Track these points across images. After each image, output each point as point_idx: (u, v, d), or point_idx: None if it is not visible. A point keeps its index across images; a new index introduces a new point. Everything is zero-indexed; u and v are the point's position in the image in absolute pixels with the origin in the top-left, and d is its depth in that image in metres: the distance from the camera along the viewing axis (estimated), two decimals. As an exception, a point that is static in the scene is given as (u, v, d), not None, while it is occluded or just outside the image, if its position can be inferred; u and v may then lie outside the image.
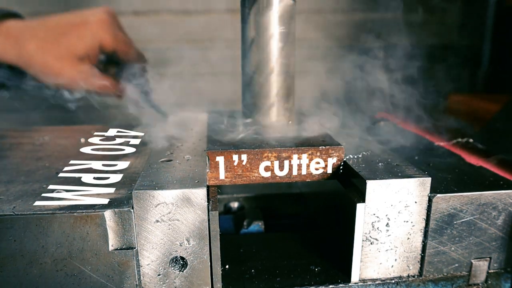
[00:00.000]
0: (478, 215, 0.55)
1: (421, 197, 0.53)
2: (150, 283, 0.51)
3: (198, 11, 1.87)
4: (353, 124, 0.75)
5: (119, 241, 0.49)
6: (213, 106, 0.85)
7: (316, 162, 0.59)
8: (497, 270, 0.58)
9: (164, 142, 0.65)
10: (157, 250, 0.50)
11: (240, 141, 0.61)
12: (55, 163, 0.65)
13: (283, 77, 0.62)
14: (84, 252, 0.48)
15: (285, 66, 0.62)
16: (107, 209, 0.48)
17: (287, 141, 0.61)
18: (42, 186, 0.55)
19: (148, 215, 0.49)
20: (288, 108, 0.65)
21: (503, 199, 0.55)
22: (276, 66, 0.61)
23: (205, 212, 0.49)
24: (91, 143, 0.72)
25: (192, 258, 0.51)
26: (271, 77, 0.61)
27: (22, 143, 0.76)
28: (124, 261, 0.49)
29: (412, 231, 0.55)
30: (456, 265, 0.57)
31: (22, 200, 0.51)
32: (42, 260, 0.48)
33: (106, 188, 0.54)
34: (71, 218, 0.47)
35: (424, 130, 0.86)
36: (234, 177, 0.58)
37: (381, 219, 0.53)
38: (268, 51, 0.60)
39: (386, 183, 0.52)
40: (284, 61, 0.61)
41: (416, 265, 0.56)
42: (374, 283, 0.56)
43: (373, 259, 0.55)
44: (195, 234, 0.50)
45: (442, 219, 0.54)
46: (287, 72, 0.62)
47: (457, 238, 0.56)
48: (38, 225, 0.47)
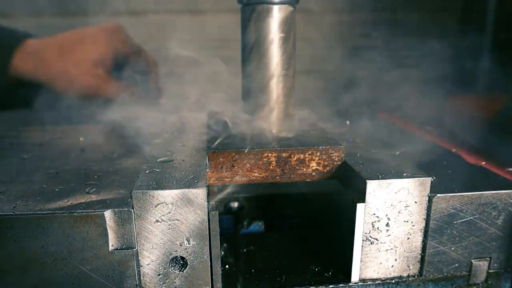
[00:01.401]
0: (478, 215, 0.55)
1: (421, 197, 0.53)
2: (150, 283, 0.51)
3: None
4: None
5: (119, 241, 0.49)
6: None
7: (316, 162, 0.59)
8: (497, 270, 0.58)
9: (163, 142, 0.65)
10: (157, 250, 0.50)
11: (240, 141, 0.61)
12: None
13: (283, 83, 0.62)
14: (84, 252, 0.48)
15: (286, 71, 0.62)
16: (107, 209, 0.48)
17: (287, 141, 0.61)
18: (42, 186, 0.55)
19: (148, 215, 0.49)
20: (288, 113, 0.65)
21: (503, 199, 0.55)
22: (276, 71, 0.61)
23: (205, 212, 0.49)
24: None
25: (192, 258, 0.51)
26: (271, 82, 0.61)
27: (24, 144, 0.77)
28: (124, 261, 0.49)
29: (412, 231, 0.55)
30: (456, 265, 0.57)
31: (22, 200, 0.51)
32: (42, 260, 0.48)
33: (106, 188, 0.54)
34: (71, 218, 0.47)
35: (423, 130, 0.86)
36: (234, 177, 0.58)
37: (381, 219, 0.53)
38: (268, 57, 0.60)
39: (386, 183, 0.52)
40: (284, 66, 0.61)
41: (416, 265, 0.56)
42: (374, 283, 0.56)
43: (373, 259, 0.55)
44: (195, 234, 0.50)
45: (442, 219, 0.54)
46: (287, 76, 0.62)
47: (457, 238, 0.55)
48: (38, 225, 0.47)
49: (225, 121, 0.67)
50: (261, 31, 0.59)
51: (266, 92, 0.62)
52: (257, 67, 0.61)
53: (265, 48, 0.60)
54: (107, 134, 0.81)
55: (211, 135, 0.64)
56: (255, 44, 0.60)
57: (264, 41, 0.60)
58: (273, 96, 0.62)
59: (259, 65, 0.61)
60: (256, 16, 0.59)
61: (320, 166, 0.59)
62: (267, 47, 0.60)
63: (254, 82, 0.62)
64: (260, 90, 0.62)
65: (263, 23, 0.59)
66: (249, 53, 0.61)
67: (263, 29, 0.59)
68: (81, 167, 0.63)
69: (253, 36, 0.60)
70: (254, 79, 0.62)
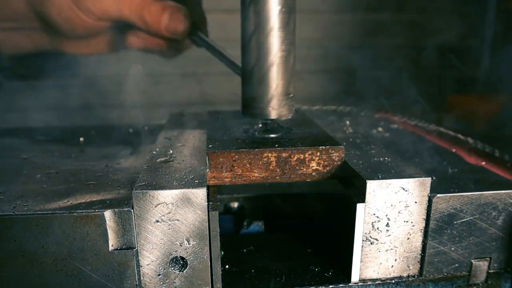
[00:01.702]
0: (478, 215, 0.55)
1: (421, 197, 0.53)
2: (150, 283, 0.51)
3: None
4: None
5: (119, 241, 0.49)
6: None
7: (316, 162, 0.59)
8: (497, 270, 0.58)
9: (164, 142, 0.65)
10: (157, 250, 0.50)
11: (241, 141, 0.61)
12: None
13: (283, 71, 0.61)
14: (84, 252, 0.48)
15: (286, 59, 0.61)
16: (107, 209, 0.48)
17: (287, 141, 0.61)
18: (42, 186, 0.55)
19: (148, 215, 0.49)
20: (288, 103, 0.64)
21: (503, 199, 0.55)
22: (276, 59, 0.60)
23: (205, 212, 0.49)
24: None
25: (192, 258, 0.51)
26: (270, 70, 0.60)
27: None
28: (124, 261, 0.49)
29: (412, 231, 0.55)
30: (456, 265, 0.57)
31: (22, 199, 0.51)
32: (42, 260, 0.48)
33: (106, 188, 0.54)
34: (71, 218, 0.47)
35: (423, 130, 0.86)
36: (234, 177, 0.58)
37: (381, 219, 0.53)
38: (268, 45, 0.59)
39: (386, 183, 0.52)
40: (284, 54, 0.61)
41: (416, 265, 0.56)
42: (374, 283, 0.56)
43: (373, 259, 0.55)
44: (195, 234, 0.50)
45: (442, 219, 0.54)
46: (287, 64, 0.61)
47: (457, 238, 0.55)
48: (38, 225, 0.47)
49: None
50: (261, 19, 0.58)
51: (266, 80, 0.60)
52: (257, 54, 0.60)
53: (265, 35, 0.59)
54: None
55: (211, 135, 0.64)
56: (254, 32, 0.59)
57: (264, 29, 0.59)
58: (273, 85, 0.61)
59: (259, 53, 0.60)
60: (256, 2, 0.58)
61: (320, 166, 0.59)
62: (267, 34, 0.59)
63: (254, 71, 0.61)
64: (260, 78, 0.60)
65: (263, 10, 0.58)
66: (249, 40, 0.60)
67: (263, 16, 0.58)
68: (81, 167, 0.63)
69: (252, 24, 0.59)
70: (253, 67, 0.61)
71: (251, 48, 0.60)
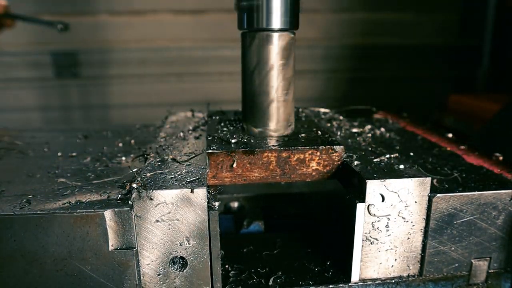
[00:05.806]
0: (478, 215, 0.55)
1: (421, 197, 0.53)
2: (150, 283, 0.51)
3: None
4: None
5: (119, 241, 0.49)
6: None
7: (316, 162, 0.59)
8: (497, 270, 0.58)
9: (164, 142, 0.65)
10: (157, 250, 0.50)
11: (241, 141, 0.61)
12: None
13: (283, 108, 0.64)
14: (84, 252, 0.48)
15: (285, 97, 0.64)
16: (107, 209, 0.48)
17: (287, 141, 0.61)
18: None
19: (148, 215, 0.49)
20: (288, 127, 0.66)
21: (503, 199, 0.55)
22: (276, 96, 0.63)
23: (205, 212, 0.49)
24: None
25: (192, 258, 0.51)
26: (271, 107, 0.64)
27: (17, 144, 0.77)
28: (124, 261, 0.49)
29: (412, 231, 0.55)
30: (456, 265, 0.57)
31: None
32: (42, 260, 0.48)
33: (107, 188, 0.54)
34: (71, 218, 0.47)
35: (423, 130, 0.86)
36: (234, 177, 0.58)
37: (381, 219, 0.53)
38: (268, 82, 0.62)
39: (386, 183, 0.52)
40: (284, 92, 0.63)
41: (416, 265, 0.56)
42: (374, 283, 0.56)
43: (373, 259, 0.55)
44: (195, 234, 0.50)
45: (442, 219, 0.54)
46: (287, 102, 0.64)
47: (457, 238, 0.56)
48: (38, 225, 0.47)
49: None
50: (261, 58, 0.62)
51: (266, 116, 0.64)
52: (258, 91, 0.63)
53: (265, 73, 0.62)
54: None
55: (211, 135, 0.64)
56: (255, 70, 0.62)
57: (264, 67, 0.62)
58: (274, 120, 0.64)
59: (259, 90, 0.63)
60: (257, 43, 0.61)
61: (320, 166, 0.59)
62: (267, 72, 0.62)
63: (255, 106, 0.64)
64: (261, 113, 0.64)
65: (264, 50, 0.61)
66: (250, 77, 0.63)
67: (263, 55, 0.61)
68: (81, 166, 0.63)
69: (253, 62, 0.62)
70: (254, 102, 0.64)
71: (251, 83, 0.64)
